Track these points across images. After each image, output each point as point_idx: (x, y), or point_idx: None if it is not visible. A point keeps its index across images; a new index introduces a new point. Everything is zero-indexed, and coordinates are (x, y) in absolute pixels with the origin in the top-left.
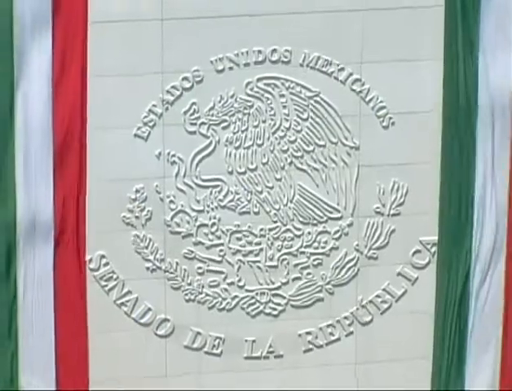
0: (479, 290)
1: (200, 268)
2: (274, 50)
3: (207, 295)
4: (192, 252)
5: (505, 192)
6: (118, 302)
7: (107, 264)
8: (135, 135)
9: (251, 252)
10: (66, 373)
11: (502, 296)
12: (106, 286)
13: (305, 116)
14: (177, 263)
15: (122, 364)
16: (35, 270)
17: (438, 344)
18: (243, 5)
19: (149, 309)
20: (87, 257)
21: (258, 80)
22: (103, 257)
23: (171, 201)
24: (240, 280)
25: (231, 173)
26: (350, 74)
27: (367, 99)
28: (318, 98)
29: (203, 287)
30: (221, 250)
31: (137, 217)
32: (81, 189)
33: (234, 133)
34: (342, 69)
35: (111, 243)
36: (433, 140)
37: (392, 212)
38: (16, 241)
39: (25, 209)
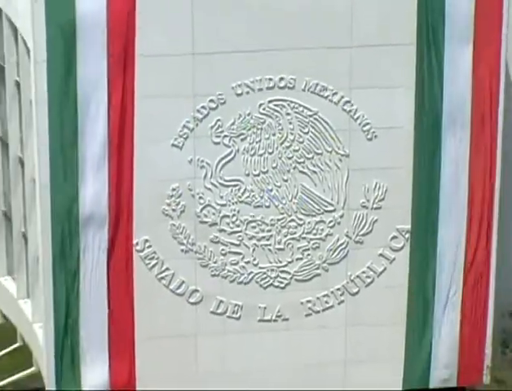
0: (443, 267)
1: (223, 250)
2: (281, 78)
3: (229, 271)
4: (217, 237)
5: (465, 189)
6: (158, 277)
7: (150, 246)
8: (172, 145)
9: (263, 237)
10: (117, 335)
11: (462, 271)
12: (149, 264)
13: (306, 130)
14: (205, 246)
15: (161, 325)
16: (93, 250)
17: (410, 309)
18: (256, 42)
19: (183, 282)
20: (134, 241)
21: (269, 102)
22: (147, 241)
23: (200, 197)
24: (254, 259)
25: (247, 175)
26: (342, 97)
27: (355, 117)
28: (316, 116)
29: (225, 264)
30: (239, 236)
31: (173, 210)
32: (124, 187)
33: (250, 144)
34: (336, 93)
35: (153, 230)
36: (407, 149)
37: (375, 206)
38: (79, 226)
39: (85, 201)
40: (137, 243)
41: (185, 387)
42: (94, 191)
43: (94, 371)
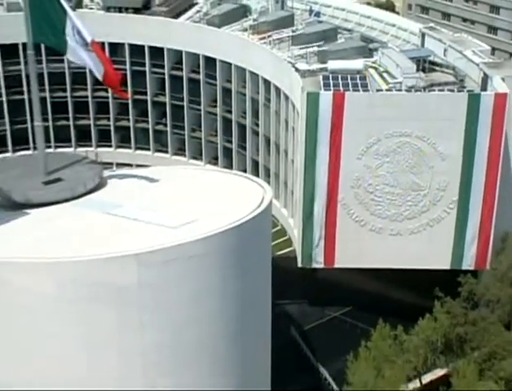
0: (471, 216)
1: (375, 204)
2: (406, 131)
3: (377, 212)
4: (373, 198)
5: (482, 188)
6: (347, 213)
7: (344, 199)
8: (357, 158)
9: (393, 199)
10: (328, 238)
11: (480, 216)
12: (343, 207)
13: (415, 156)
14: (367, 201)
15: (346, 233)
16: (321, 200)
17: (456, 232)
18: (393, 113)
19: (357, 215)
20: (339, 197)
21: (399, 141)
22: (343, 197)
23: (366, 180)
24: (388, 208)
25: (388, 172)
26: (431, 141)
27: (437, 150)
28: (419, 149)
29: (375, 210)
30: (382, 198)
31: (355, 185)
32: (335, 174)
33: (390, 158)
34: (429, 139)
35: (346, 193)
36: (458, 165)
37: (442, 188)
38: (315, 190)
39: (317, 178)
40: (339, 198)
41: (354, 264)
42: (321, 173)
43: (318, 253)
